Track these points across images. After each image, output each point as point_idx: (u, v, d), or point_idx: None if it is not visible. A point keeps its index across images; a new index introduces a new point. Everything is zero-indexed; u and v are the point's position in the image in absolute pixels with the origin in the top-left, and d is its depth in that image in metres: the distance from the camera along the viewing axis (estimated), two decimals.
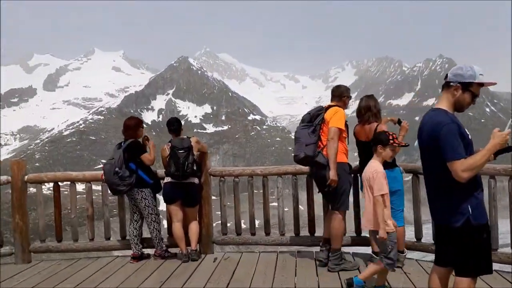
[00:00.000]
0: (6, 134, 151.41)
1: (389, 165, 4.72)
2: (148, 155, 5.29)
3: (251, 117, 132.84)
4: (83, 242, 5.79)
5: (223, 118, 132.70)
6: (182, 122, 5.59)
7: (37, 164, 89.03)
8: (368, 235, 5.27)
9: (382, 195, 3.76)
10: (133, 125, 5.36)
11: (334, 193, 4.63)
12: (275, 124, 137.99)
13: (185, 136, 5.37)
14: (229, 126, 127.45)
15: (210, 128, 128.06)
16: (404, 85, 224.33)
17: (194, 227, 5.40)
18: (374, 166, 3.88)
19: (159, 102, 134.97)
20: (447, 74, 2.97)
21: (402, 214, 4.79)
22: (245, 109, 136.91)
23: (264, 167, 5.64)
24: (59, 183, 5.84)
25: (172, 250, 5.58)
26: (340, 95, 4.90)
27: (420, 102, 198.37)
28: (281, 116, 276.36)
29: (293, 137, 5.01)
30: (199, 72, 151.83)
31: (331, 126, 4.59)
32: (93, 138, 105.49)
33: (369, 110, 4.78)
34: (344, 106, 4.88)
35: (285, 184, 5.73)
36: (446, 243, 3.00)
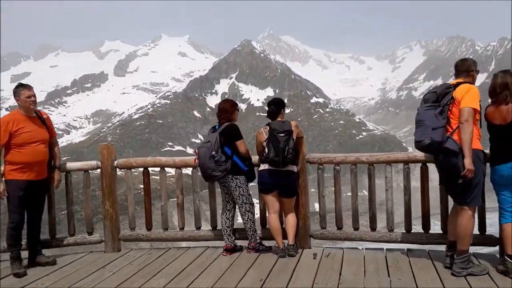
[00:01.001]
0: (81, 118, 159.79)
1: None
2: (243, 143, 4.87)
3: (314, 100, 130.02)
4: (173, 231, 5.51)
5: (286, 101, 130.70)
6: (245, 106, 5.11)
7: None
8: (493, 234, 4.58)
9: None
10: (229, 108, 4.96)
11: (467, 186, 3.91)
12: (339, 107, 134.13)
13: (285, 120, 4.88)
14: (291, 109, 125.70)
15: None
16: None
17: (291, 219, 4.92)
18: None
19: (223, 86, 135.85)
20: None
21: None
22: (308, 92, 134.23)
23: (370, 154, 4.98)
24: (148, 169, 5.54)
25: (266, 242, 5.16)
26: (467, 69, 4.18)
27: None
28: (345, 99, 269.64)
29: (357, 120, 4.31)
30: (262, 55, 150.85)
31: (464, 106, 3.88)
32: (160, 121, 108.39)
33: (506, 88, 4.01)
34: (474, 82, 4.16)
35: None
36: None
